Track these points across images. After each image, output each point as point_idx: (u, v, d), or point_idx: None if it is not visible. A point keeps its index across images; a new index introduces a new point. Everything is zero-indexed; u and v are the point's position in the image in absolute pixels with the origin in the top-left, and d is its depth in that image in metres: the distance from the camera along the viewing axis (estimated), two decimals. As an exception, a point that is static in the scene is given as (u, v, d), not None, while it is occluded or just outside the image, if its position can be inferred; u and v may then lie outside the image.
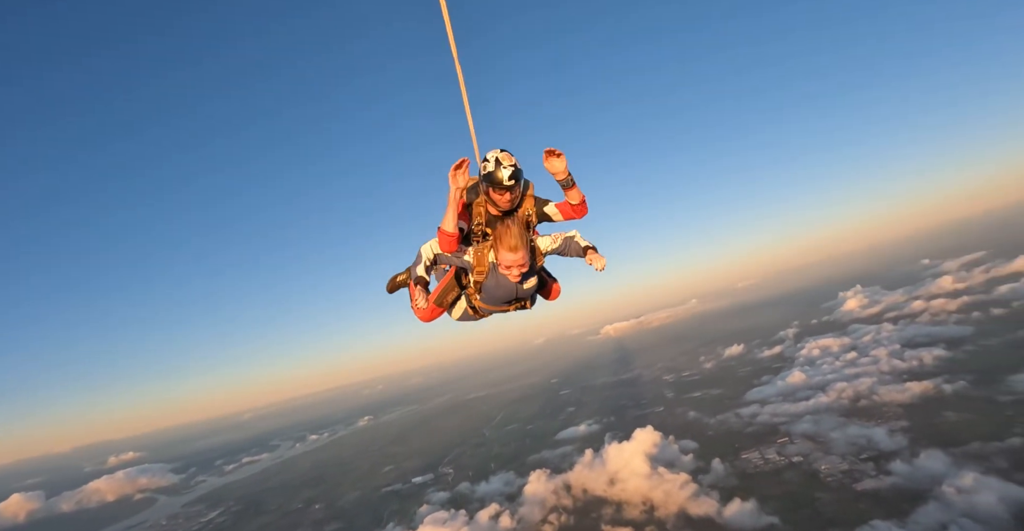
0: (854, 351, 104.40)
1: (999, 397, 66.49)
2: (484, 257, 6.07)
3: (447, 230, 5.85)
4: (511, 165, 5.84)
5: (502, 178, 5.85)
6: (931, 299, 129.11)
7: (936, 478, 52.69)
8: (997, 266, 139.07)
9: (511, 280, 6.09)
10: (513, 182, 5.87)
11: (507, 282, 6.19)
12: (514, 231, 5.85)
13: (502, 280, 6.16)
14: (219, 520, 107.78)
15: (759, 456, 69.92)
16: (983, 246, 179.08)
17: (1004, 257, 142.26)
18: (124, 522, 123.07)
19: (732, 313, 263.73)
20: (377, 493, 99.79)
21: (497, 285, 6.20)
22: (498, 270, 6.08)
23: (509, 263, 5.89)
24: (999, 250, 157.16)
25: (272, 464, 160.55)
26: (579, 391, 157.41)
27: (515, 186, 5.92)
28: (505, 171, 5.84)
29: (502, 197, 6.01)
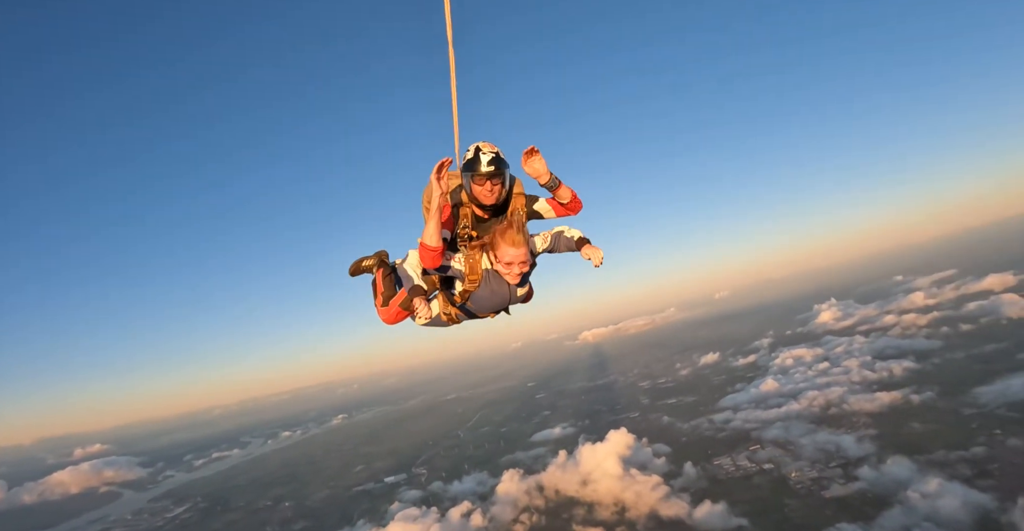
0: (826, 361, 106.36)
1: (964, 408, 68.33)
2: (478, 263, 5.43)
3: (430, 244, 4.98)
4: (492, 151, 5.35)
5: (482, 164, 5.31)
6: (902, 314, 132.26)
7: (902, 484, 53.90)
8: (967, 284, 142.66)
9: (510, 282, 5.49)
10: (494, 168, 5.30)
11: (503, 288, 5.58)
12: (515, 224, 5.35)
13: (497, 287, 5.54)
14: (185, 516, 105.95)
15: (731, 462, 70.75)
16: (954, 264, 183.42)
17: (974, 275, 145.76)
18: (87, 516, 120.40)
19: (709, 322, 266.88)
20: (348, 492, 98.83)
21: (492, 293, 5.58)
22: (493, 277, 5.49)
23: (511, 259, 5.30)
24: (970, 268, 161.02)
25: (242, 461, 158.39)
26: (555, 395, 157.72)
27: (497, 173, 5.35)
28: (485, 156, 5.32)
29: (484, 187, 5.40)
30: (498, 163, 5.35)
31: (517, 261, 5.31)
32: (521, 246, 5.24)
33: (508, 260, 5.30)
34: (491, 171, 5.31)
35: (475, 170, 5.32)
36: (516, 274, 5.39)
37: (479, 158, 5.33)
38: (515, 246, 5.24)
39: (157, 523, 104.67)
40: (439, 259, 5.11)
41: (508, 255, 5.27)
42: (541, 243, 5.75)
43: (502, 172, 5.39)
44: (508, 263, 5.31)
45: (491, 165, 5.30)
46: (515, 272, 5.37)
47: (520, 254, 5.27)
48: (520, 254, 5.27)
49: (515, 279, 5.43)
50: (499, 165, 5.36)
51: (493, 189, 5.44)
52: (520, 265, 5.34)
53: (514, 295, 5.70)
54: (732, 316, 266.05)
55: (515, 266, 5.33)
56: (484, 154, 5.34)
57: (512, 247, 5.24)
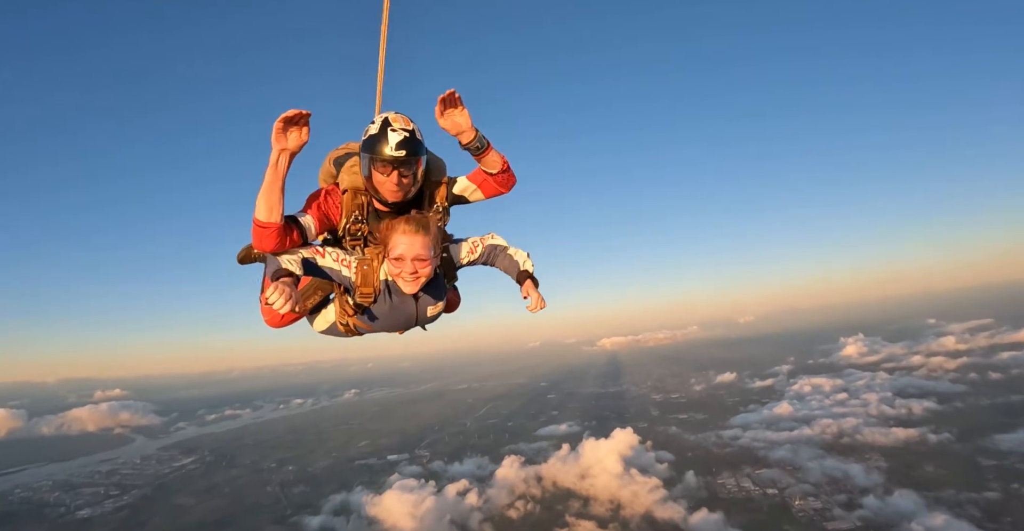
0: (845, 393, 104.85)
1: (981, 453, 67.10)
2: (373, 272, 3.91)
3: (260, 218, 3.55)
4: (404, 129, 3.69)
5: (388, 146, 3.64)
6: (930, 356, 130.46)
7: (906, 515, 53.10)
8: (1002, 334, 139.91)
9: (405, 290, 3.87)
10: (404, 153, 3.66)
11: (407, 306, 4.06)
12: (418, 216, 3.85)
13: (400, 303, 4.03)
14: (191, 467, 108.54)
15: (734, 482, 69.96)
16: (992, 314, 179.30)
17: (1010, 326, 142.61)
18: (99, 455, 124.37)
19: (730, 344, 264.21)
20: (350, 464, 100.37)
21: (392, 309, 4.06)
22: (396, 289, 3.96)
23: (403, 252, 3.70)
24: (1006, 319, 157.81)
25: (252, 422, 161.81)
26: (565, 396, 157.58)
27: (408, 161, 3.73)
28: (394, 136, 3.65)
29: (388, 179, 3.76)
30: (411, 147, 3.70)
31: (411, 256, 3.69)
32: (417, 235, 3.69)
33: (399, 253, 3.69)
34: (399, 157, 3.66)
35: (377, 153, 3.66)
36: (411, 277, 3.77)
37: (385, 136, 3.66)
38: (409, 233, 3.68)
39: (163, 471, 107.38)
40: (273, 240, 3.61)
41: (400, 245, 3.69)
42: (467, 252, 4.24)
43: (416, 159, 3.77)
44: (398, 258, 3.70)
45: (401, 149, 3.64)
46: (408, 273, 3.74)
47: (416, 246, 3.68)
48: (416, 246, 3.68)
49: (411, 285, 3.82)
50: (412, 149, 3.70)
51: (401, 182, 3.78)
52: (416, 264, 3.72)
53: (423, 315, 4.17)
54: (754, 340, 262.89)
55: (407, 263, 3.71)
56: (393, 132, 3.66)
57: (405, 235, 3.68)
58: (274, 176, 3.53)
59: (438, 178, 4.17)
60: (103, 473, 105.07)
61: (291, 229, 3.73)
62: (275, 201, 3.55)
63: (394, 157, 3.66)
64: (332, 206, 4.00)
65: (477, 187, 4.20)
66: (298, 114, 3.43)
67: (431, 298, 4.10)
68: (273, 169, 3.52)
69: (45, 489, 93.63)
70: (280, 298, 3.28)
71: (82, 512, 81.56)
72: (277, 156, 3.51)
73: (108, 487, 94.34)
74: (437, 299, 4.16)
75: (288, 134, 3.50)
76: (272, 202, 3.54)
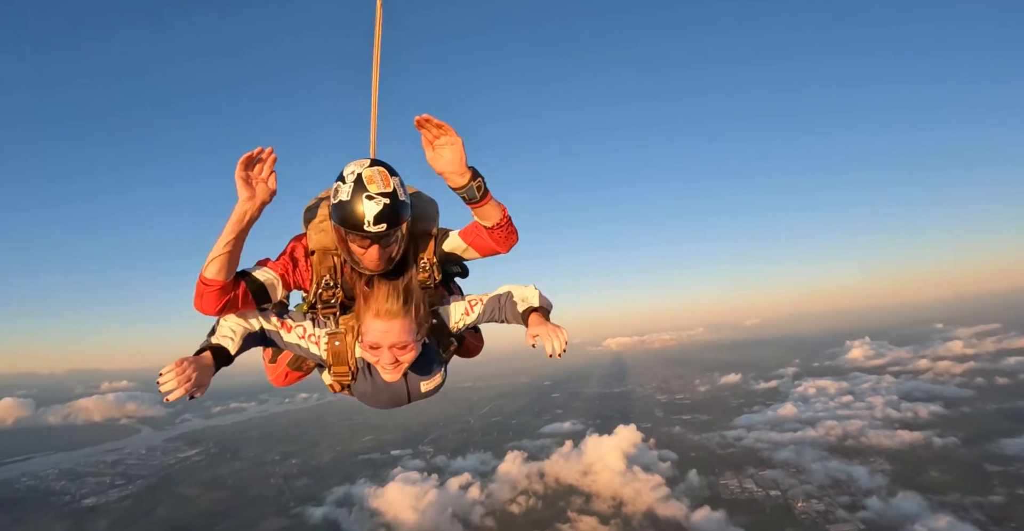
0: (850, 395, 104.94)
1: (987, 457, 67.00)
2: (346, 349, 3.21)
3: (207, 276, 2.86)
4: (382, 193, 2.86)
5: (365, 220, 2.85)
6: (937, 360, 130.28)
7: (909, 518, 53.06)
8: (1010, 339, 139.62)
9: (387, 379, 3.12)
10: (384, 227, 2.88)
11: (391, 385, 3.24)
12: (386, 288, 3.01)
13: (384, 383, 3.21)
14: (196, 459, 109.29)
15: (737, 484, 69.91)
16: (999, 320, 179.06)
17: (1018, 331, 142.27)
18: (104, 445, 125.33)
19: (735, 346, 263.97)
20: (353, 458, 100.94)
21: (375, 390, 3.33)
22: (374, 369, 3.21)
23: (376, 339, 2.97)
24: (1014, 324, 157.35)
25: (257, 415, 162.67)
26: (569, 396, 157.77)
27: (391, 234, 2.98)
28: (370, 206, 2.84)
29: (368, 252, 3.03)
30: (394, 216, 2.89)
31: (387, 343, 2.95)
32: (395, 319, 2.93)
33: (373, 340, 2.97)
34: (379, 232, 2.89)
35: (352, 227, 2.89)
36: (391, 367, 3.02)
37: (359, 206, 2.84)
38: (384, 317, 2.93)
39: (168, 461, 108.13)
40: (215, 300, 2.90)
41: (373, 331, 2.96)
42: (461, 313, 3.40)
43: (399, 229, 3.01)
44: (374, 346, 2.99)
45: (381, 222, 2.85)
46: (387, 362, 2.99)
47: (394, 332, 2.94)
48: (394, 332, 2.94)
49: (392, 374, 3.06)
50: (395, 219, 2.91)
51: (382, 254, 3.05)
52: (395, 351, 2.98)
53: (415, 392, 3.40)
54: (760, 343, 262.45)
55: (384, 352, 2.97)
56: (370, 200, 2.83)
57: (379, 319, 2.93)
58: (237, 229, 2.81)
59: (426, 228, 3.38)
60: (108, 463, 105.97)
61: (237, 287, 2.98)
62: (230, 258, 2.85)
63: (374, 233, 2.85)
64: (301, 271, 3.25)
65: (469, 244, 3.38)
66: (259, 152, 2.81)
67: (424, 370, 3.32)
68: (237, 222, 2.80)
69: (51, 477, 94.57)
70: (171, 380, 2.51)
71: (87, 501, 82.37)
72: (243, 208, 2.80)
73: (113, 477, 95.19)
74: (428, 374, 3.36)
75: (255, 182, 2.82)
76: (226, 259, 2.83)
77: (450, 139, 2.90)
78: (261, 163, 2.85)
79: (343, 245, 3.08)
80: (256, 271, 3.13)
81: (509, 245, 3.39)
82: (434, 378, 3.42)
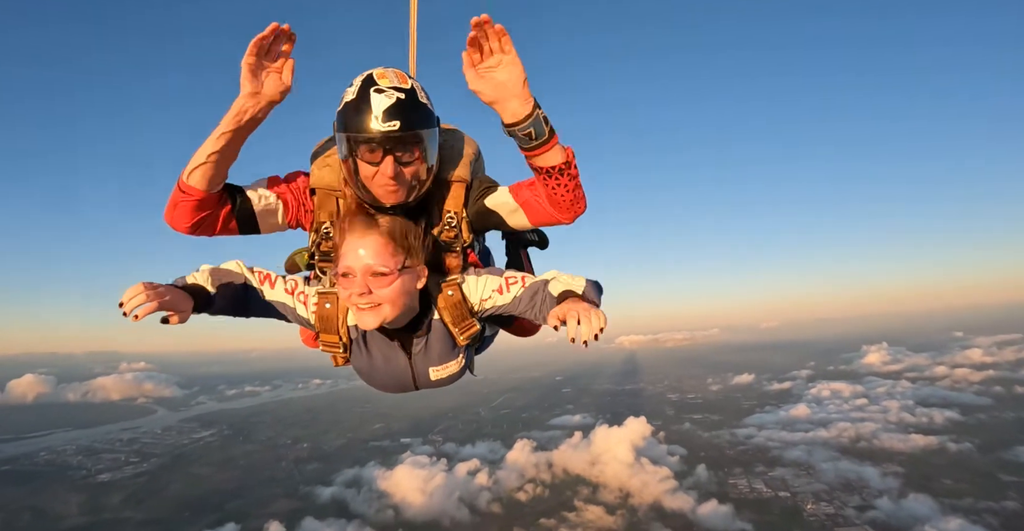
0: (865, 399, 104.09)
1: (1002, 465, 66.18)
2: (337, 312, 2.51)
3: (186, 180, 2.31)
4: (396, 87, 2.25)
5: (372, 116, 2.21)
6: (955, 367, 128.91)
7: (919, 519, 52.54)
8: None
9: (363, 327, 2.41)
10: (398, 125, 2.21)
11: (396, 362, 2.62)
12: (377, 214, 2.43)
13: (383, 360, 2.62)
14: (209, 440, 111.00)
15: (746, 483, 69.45)
16: (1020, 329, 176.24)
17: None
18: (122, 424, 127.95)
19: (750, 348, 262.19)
20: (363, 445, 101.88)
21: (371, 367, 2.66)
22: (377, 341, 2.58)
23: (348, 267, 2.27)
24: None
25: (270, 400, 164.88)
26: (579, 392, 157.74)
27: (407, 138, 2.27)
28: (380, 100, 2.23)
29: (379, 169, 2.30)
30: (410, 114, 2.26)
31: (359, 268, 2.24)
32: (369, 234, 2.28)
33: (345, 265, 2.27)
34: (392, 132, 2.22)
35: (358, 128, 2.24)
36: (364, 302, 2.25)
37: (367, 102, 2.23)
38: (356, 233, 2.29)
39: (182, 442, 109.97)
40: (189, 215, 2.36)
41: (346, 256, 2.28)
42: (490, 291, 2.50)
43: (419, 134, 2.30)
44: (345, 274, 2.27)
45: (393, 118, 2.21)
46: (356, 295, 2.24)
47: (368, 252, 2.25)
48: (368, 252, 2.25)
49: (366, 316, 2.29)
50: (412, 118, 2.26)
51: (399, 173, 2.33)
52: (369, 280, 2.24)
53: (423, 377, 2.64)
54: (775, 346, 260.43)
55: (355, 280, 2.24)
56: (379, 93, 2.23)
57: (352, 235, 2.30)
58: (231, 129, 2.21)
59: (460, 174, 2.57)
60: (124, 441, 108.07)
61: (221, 206, 2.43)
62: (217, 166, 2.27)
63: (384, 132, 2.17)
64: (306, 206, 2.62)
65: (519, 206, 2.48)
66: (275, 31, 2.11)
67: (434, 354, 2.55)
68: (233, 120, 2.20)
69: (69, 453, 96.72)
70: (138, 295, 1.89)
71: (102, 476, 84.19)
72: (243, 105, 2.19)
73: (128, 454, 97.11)
74: (440, 360, 2.57)
75: (265, 74, 2.20)
76: (212, 167, 2.25)
77: (508, 56, 2.03)
78: (276, 47, 2.18)
79: (352, 178, 2.36)
80: (253, 190, 2.51)
81: (575, 211, 2.40)
82: (448, 365, 2.60)
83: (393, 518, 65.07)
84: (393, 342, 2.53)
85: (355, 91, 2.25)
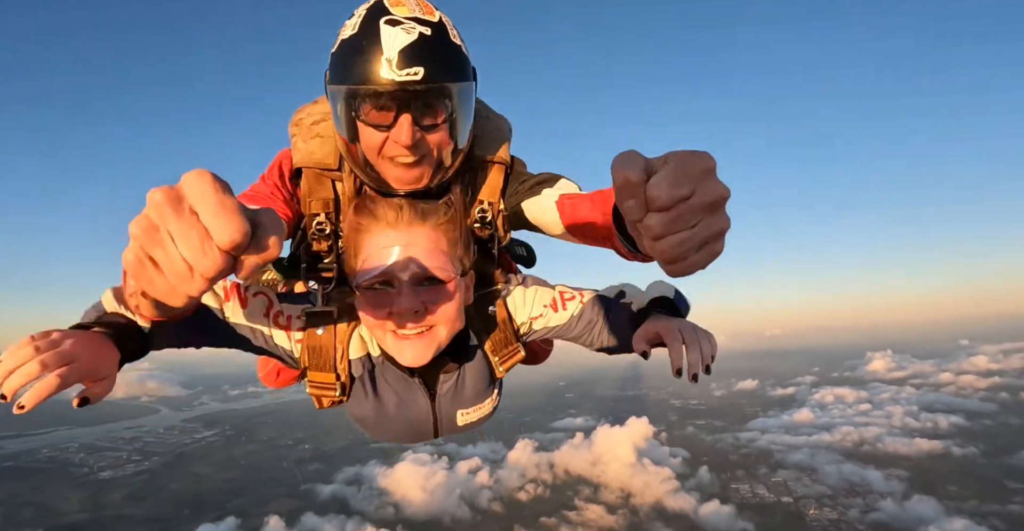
0: (869, 404, 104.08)
1: (1007, 469, 66.04)
2: (333, 341, 1.61)
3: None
4: (417, 18, 1.42)
5: (378, 54, 1.39)
6: (960, 374, 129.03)
7: (923, 520, 52.37)
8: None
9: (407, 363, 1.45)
10: (420, 72, 1.39)
11: (409, 408, 1.71)
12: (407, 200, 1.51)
13: (398, 403, 1.69)
14: (212, 440, 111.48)
15: (748, 489, 69.08)
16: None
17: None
18: (124, 422, 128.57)
19: (754, 354, 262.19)
20: (365, 446, 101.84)
21: (382, 413, 1.71)
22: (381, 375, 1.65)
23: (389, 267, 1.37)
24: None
25: (273, 401, 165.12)
26: (582, 397, 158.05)
27: (426, 94, 1.44)
28: (391, 33, 1.39)
29: (386, 137, 1.47)
30: (435, 58, 1.44)
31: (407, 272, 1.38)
32: (415, 223, 1.43)
33: (379, 274, 1.37)
34: (408, 82, 1.41)
35: (363, 76, 1.42)
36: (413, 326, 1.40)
37: (376, 37, 1.41)
38: (400, 224, 1.42)
39: (185, 441, 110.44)
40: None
41: (379, 253, 1.40)
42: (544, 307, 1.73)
43: (443, 88, 1.47)
44: (376, 285, 1.39)
45: (413, 65, 1.40)
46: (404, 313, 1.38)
47: (415, 246, 1.40)
48: (415, 246, 1.40)
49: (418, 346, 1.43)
50: (437, 63, 1.44)
51: (419, 140, 1.49)
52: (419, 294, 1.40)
53: (449, 421, 1.76)
54: (779, 352, 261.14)
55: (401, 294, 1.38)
56: (395, 26, 1.41)
57: (391, 228, 1.42)
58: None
59: (500, 153, 1.82)
60: (127, 439, 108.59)
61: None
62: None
63: (400, 83, 1.42)
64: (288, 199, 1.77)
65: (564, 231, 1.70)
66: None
67: (467, 393, 1.74)
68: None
69: (71, 450, 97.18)
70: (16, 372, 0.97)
71: (104, 473, 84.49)
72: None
73: (131, 453, 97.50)
74: (479, 396, 1.77)
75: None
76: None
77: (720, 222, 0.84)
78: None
79: (348, 151, 1.61)
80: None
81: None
82: (481, 406, 1.78)
83: (393, 515, 65.20)
84: (412, 379, 1.67)
85: (358, 23, 1.46)
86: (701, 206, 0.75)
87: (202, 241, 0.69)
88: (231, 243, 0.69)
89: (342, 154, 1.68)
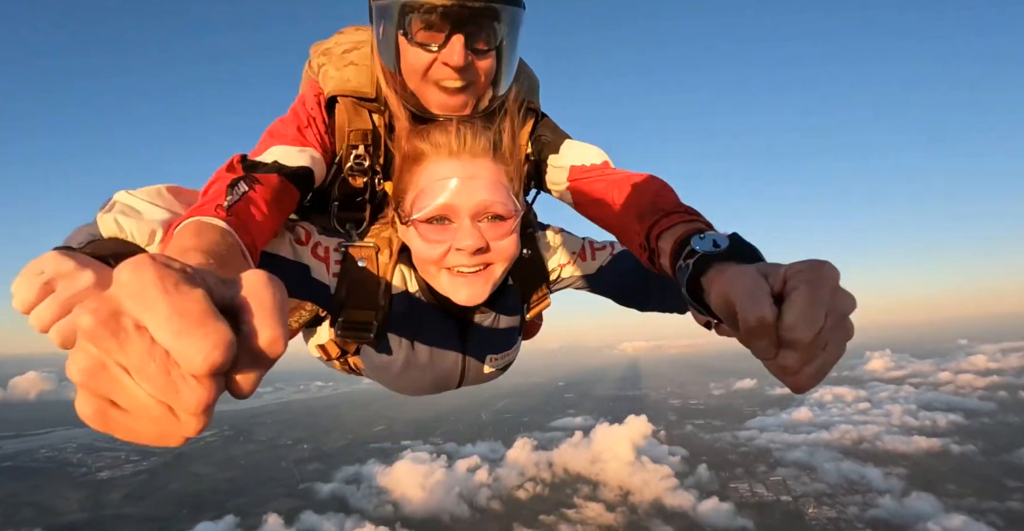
0: (868, 403, 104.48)
1: (1006, 466, 66.35)
2: (376, 275, 1.51)
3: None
4: None
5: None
6: (959, 373, 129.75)
7: (922, 517, 52.52)
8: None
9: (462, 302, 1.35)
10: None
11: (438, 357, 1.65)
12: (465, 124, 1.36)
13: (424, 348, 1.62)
14: (210, 440, 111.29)
15: (747, 488, 69.14)
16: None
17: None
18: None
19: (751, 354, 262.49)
20: (364, 446, 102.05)
21: (412, 362, 1.64)
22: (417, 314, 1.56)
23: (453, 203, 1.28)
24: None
25: (272, 402, 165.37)
26: (581, 397, 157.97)
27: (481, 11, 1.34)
28: None
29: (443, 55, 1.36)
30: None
31: (470, 206, 1.29)
32: (480, 155, 1.33)
33: (438, 208, 1.30)
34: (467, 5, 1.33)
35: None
36: (471, 261, 1.32)
37: None
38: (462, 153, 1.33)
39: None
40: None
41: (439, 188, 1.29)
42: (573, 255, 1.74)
43: (499, 11, 1.39)
44: (437, 216, 1.31)
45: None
46: (467, 249, 1.29)
47: (480, 181, 1.30)
48: (480, 181, 1.30)
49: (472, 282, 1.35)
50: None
51: (470, 64, 1.41)
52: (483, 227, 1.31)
53: (476, 371, 1.74)
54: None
55: (462, 229, 1.29)
56: None
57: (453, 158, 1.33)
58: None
59: (536, 102, 1.74)
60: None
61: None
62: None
63: (455, 4, 1.33)
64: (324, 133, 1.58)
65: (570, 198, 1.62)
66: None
67: (499, 337, 1.72)
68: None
69: (70, 450, 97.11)
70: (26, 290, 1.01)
71: (102, 473, 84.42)
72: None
73: (129, 453, 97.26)
74: (509, 341, 1.75)
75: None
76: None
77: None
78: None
79: (390, 69, 1.47)
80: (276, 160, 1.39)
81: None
82: (508, 353, 1.78)
83: (392, 513, 65.27)
84: (447, 321, 1.59)
85: None
86: (833, 328, 0.69)
87: (167, 369, 0.46)
88: (208, 367, 0.45)
89: (380, 79, 1.53)
